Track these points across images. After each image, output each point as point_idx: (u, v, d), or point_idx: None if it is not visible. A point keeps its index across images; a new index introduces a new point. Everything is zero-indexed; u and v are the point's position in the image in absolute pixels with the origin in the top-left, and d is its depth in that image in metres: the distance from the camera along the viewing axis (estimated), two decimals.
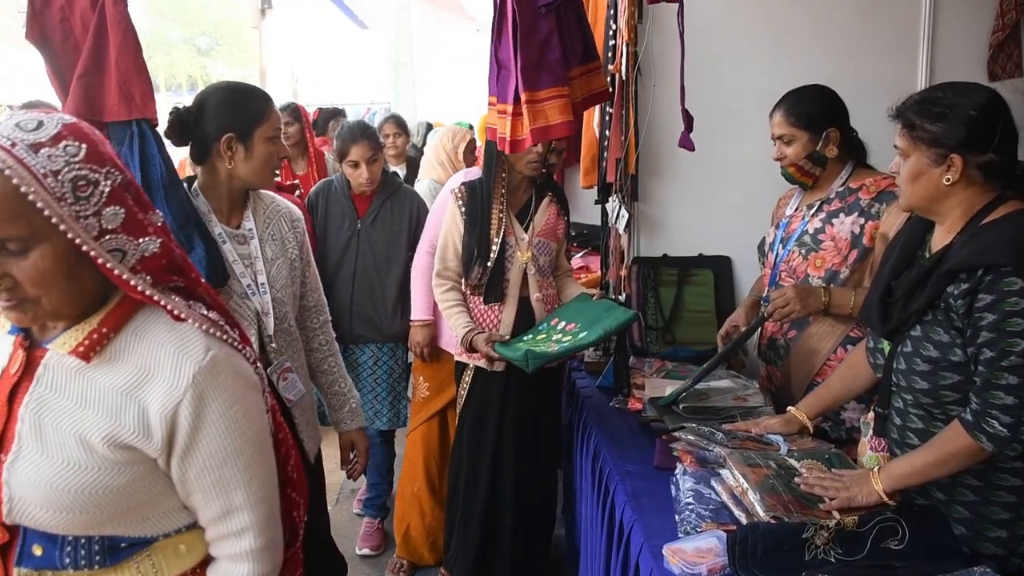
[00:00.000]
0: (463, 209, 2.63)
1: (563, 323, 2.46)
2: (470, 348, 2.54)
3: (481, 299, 2.61)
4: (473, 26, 9.61)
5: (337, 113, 6.68)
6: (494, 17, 2.35)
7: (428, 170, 3.88)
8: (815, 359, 2.20)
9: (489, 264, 2.57)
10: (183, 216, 1.87)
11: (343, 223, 3.09)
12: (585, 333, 2.34)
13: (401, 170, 4.54)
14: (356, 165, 3.04)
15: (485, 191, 2.61)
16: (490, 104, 2.44)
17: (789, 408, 1.99)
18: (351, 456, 2.21)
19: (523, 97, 2.24)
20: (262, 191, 2.02)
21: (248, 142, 1.85)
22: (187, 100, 2.13)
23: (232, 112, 1.85)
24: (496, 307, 2.61)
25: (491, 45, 2.37)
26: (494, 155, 2.57)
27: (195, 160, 1.94)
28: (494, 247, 2.57)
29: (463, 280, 2.65)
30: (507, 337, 2.54)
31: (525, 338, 2.49)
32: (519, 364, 2.32)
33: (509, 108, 2.30)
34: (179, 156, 2.82)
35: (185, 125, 1.88)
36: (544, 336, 2.43)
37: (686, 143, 2.61)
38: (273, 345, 1.92)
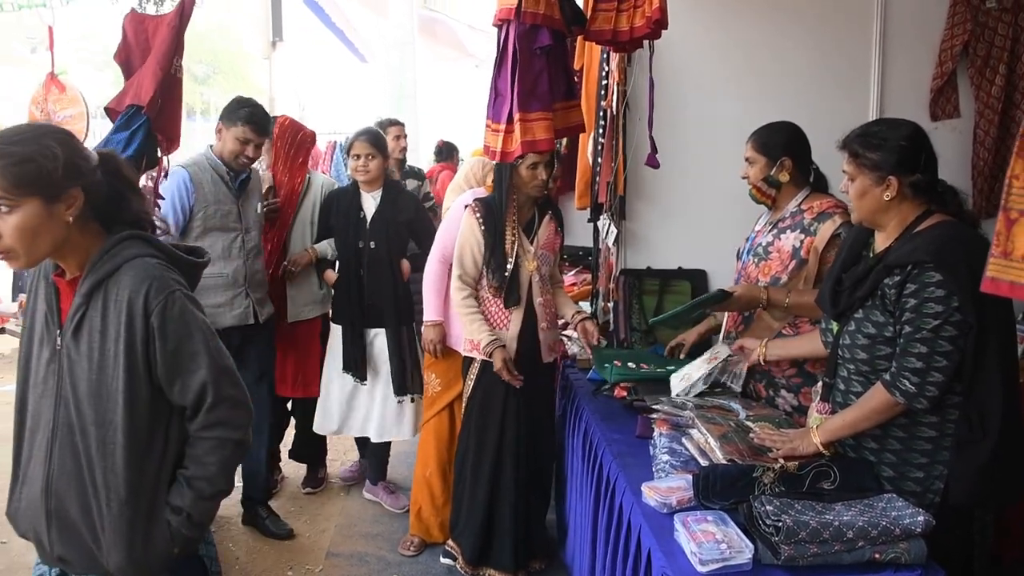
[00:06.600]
0: (480, 221, 2.94)
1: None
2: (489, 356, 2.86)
3: (502, 302, 2.94)
4: (472, 62, 10.11)
5: (452, 149, 6.97)
6: (497, 53, 2.81)
7: (458, 192, 4.11)
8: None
9: (506, 275, 2.92)
10: None
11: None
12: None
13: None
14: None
15: (498, 208, 2.93)
16: (486, 126, 2.88)
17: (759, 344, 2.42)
18: None
19: (516, 116, 2.71)
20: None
21: None
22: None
23: None
24: (510, 309, 2.95)
25: (492, 77, 2.82)
26: (505, 178, 2.92)
27: None
28: (510, 259, 2.92)
29: (482, 282, 2.97)
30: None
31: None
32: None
33: (502, 127, 2.76)
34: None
35: None
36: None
37: (652, 162, 3.10)
38: None
